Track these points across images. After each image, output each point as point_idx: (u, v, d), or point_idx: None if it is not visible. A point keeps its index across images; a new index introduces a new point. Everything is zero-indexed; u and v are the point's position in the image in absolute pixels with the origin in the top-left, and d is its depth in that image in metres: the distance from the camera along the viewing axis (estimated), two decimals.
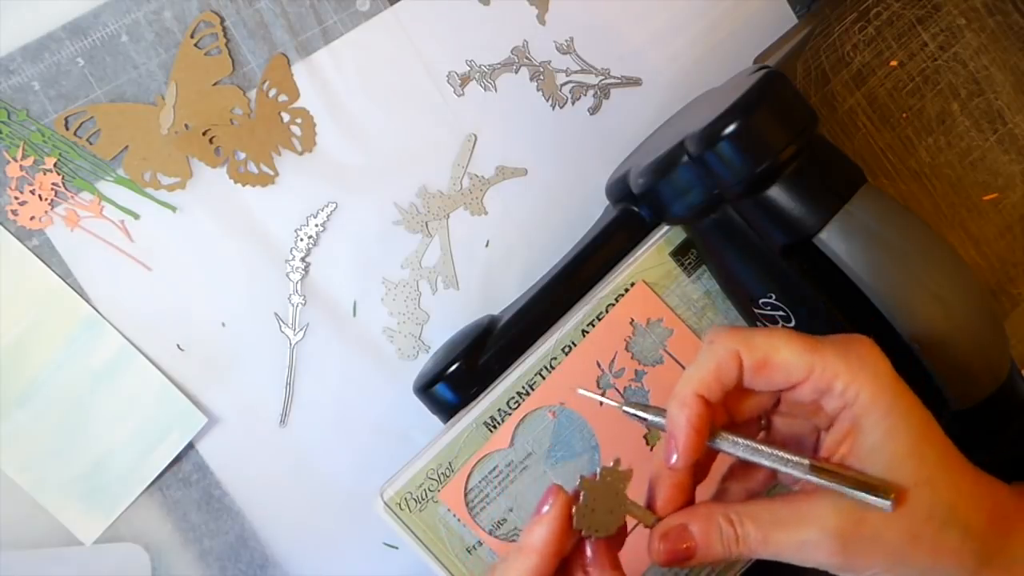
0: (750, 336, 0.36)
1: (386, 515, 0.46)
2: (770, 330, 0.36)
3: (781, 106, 0.44)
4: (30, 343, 0.49)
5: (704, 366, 0.36)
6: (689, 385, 0.36)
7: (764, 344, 0.35)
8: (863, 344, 0.36)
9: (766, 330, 0.36)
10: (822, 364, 0.35)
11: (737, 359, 0.35)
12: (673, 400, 0.36)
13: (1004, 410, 0.47)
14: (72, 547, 0.49)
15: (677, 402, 0.36)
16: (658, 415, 0.37)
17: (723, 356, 0.35)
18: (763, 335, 0.36)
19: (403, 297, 0.54)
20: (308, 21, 0.52)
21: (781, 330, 0.36)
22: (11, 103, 0.49)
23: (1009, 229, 0.61)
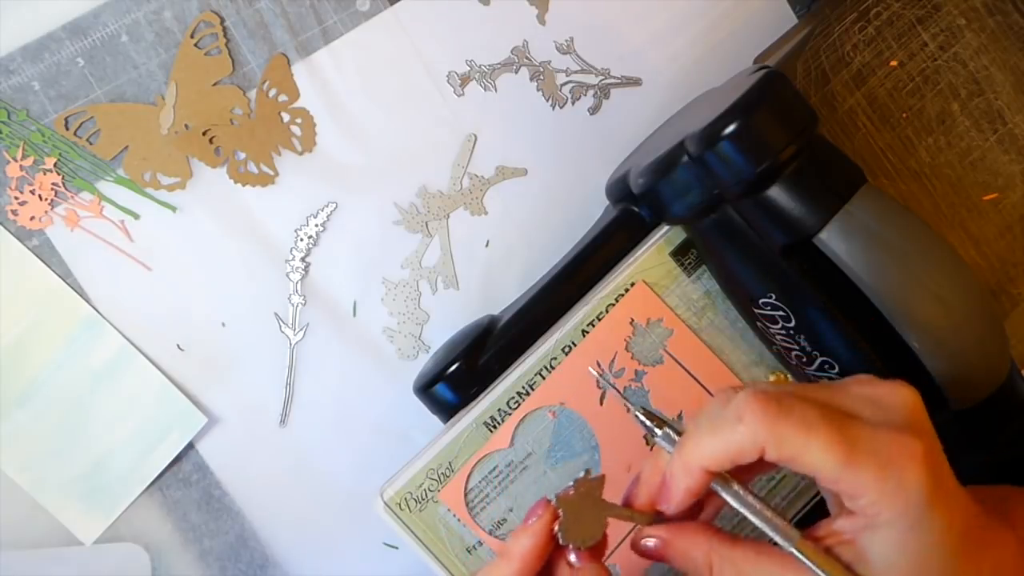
0: (782, 431, 0.32)
1: (386, 515, 0.46)
2: (807, 428, 0.32)
3: (781, 106, 0.44)
4: (30, 343, 0.49)
5: (722, 444, 0.33)
6: (699, 458, 0.33)
7: (797, 446, 0.32)
8: (911, 462, 0.32)
9: (803, 425, 0.32)
10: (853, 481, 0.32)
11: (760, 450, 0.32)
12: (678, 461, 0.34)
13: (1004, 410, 0.47)
14: (72, 547, 0.49)
15: (681, 467, 0.34)
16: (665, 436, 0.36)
17: (747, 444, 0.32)
18: (800, 432, 0.32)
19: (403, 297, 0.54)
20: (308, 21, 0.52)
21: (820, 430, 0.32)
22: (11, 103, 0.49)
23: (1009, 229, 0.61)
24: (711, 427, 0.33)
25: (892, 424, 0.33)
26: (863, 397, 0.34)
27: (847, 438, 0.32)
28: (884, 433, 0.32)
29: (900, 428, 0.32)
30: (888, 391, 0.34)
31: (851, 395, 0.34)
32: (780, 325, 0.47)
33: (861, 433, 0.32)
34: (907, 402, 0.33)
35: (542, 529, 0.35)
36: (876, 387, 0.34)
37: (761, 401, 0.32)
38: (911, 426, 0.33)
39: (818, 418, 0.32)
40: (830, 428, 0.32)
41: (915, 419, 0.33)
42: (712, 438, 0.33)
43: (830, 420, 0.32)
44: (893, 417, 0.33)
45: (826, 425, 0.32)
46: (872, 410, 0.33)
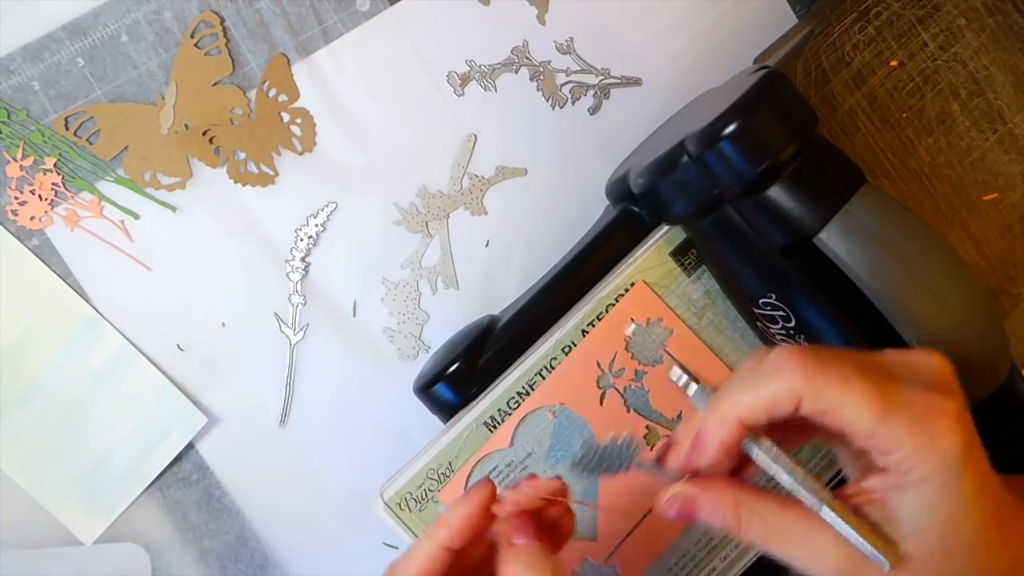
0: (820, 381, 0.32)
1: (386, 515, 0.46)
2: (845, 379, 0.32)
3: (781, 106, 0.44)
4: (30, 343, 0.49)
5: (760, 395, 0.33)
6: (736, 408, 0.34)
7: (834, 398, 0.32)
8: (943, 414, 0.32)
9: (840, 376, 0.32)
10: (887, 434, 0.32)
11: (797, 401, 0.33)
12: (713, 413, 0.35)
13: (1004, 410, 0.47)
14: (72, 547, 0.49)
15: (716, 419, 0.34)
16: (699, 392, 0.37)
17: (783, 394, 0.33)
18: (836, 384, 0.32)
19: (403, 297, 0.54)
20: (308, 21, 0.52)
21: (857, 382, 0.32)
22: (11, 103, 0.49)
23: (1009, 229, 0.61)
24: (748, 380, 0.34)
25: (927, 384, 0.33)
26: (896, 361, 0.34)
27: (884, 392, 0.32)
28: (920, 391, 0.33)
29: (935, 388, 0.33)
30: (920, 356, 0.34)
31: (885, 358, 0.35)
32: (780, 325, 0.47)
33: (898, 389, 0.32)
34: (940, 366, 0.34)
35: (478, 502, 0.37)
36: (909, 353, 0.35)
37: (799, 354, 0.33)
38: (945, 387, 0.33)
39: (855, 372, 0.33)
40: (867, 382, 0.32)
41: (948, 381, 0.34)
42: (749, 390, 0.34)
43: (867, 375, 0.33)
44: (927, 378, 0.33)
45: (863, 379, 0.32)
46: (906, 371, 0.34)
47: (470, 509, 0.37)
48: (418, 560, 0.37)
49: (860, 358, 0.34)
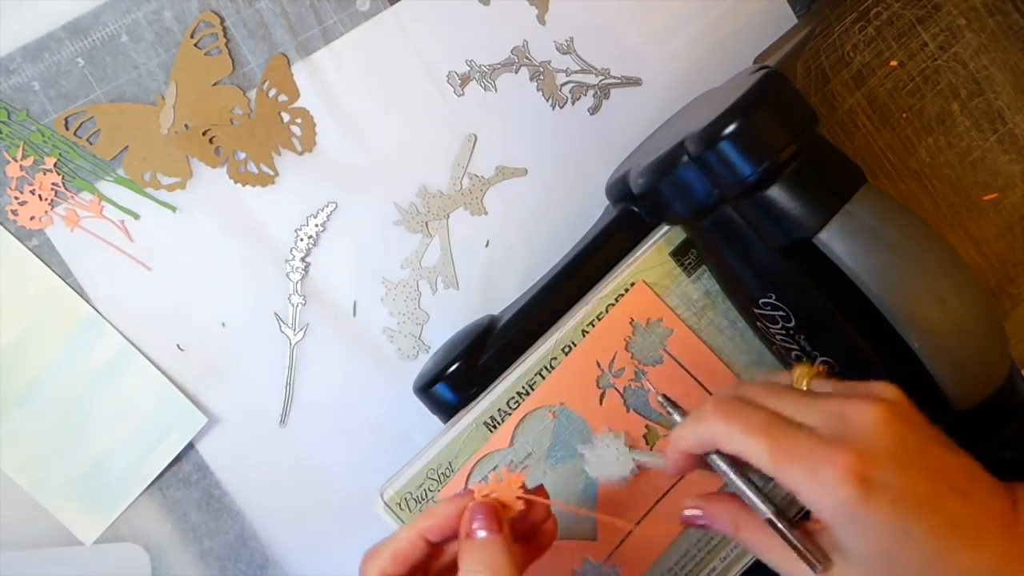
0: (729, 431, 0.37)
1: (386, 515, 0.46)
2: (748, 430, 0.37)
3: (781, 106, 0.44)
4: (30, 343, 0.49)
5: (692, 435, 0.39)
6: (678, 442, 0.40)
7: (740, 443, 0.37)
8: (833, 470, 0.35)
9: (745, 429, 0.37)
10: (786, 481, 0.36)
11: (716, 444, 0.38)
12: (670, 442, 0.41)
13: (1004, 410, 0.47)
14: (72, 547, 0.49)
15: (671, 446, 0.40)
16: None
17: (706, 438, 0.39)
18: (740, 435, 0.37)
19: (403, 297, 0.54)
20: (308, 21, 0.52)
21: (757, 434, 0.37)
22: (11, 103, 0.49)
23: (1009, 229, 0.61)
24: (691, 419, 0.40)
25: (836, 437, 0.36)
26: (829, 410, 0.37)
27: (781, 446, 0.36)
28: (817, 444, 0.36)
29: (838, 441, 0.36)
30: (857, 410, 0.37)
31: (819, 407, 0.37)
32: (780, 325, 0.47)
33: (797, 442, 0.36)
34: (868, 421, 0.36)
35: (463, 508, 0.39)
36: (849, 404, 0.37)
37: (718, 406, 0.38)
38: (853, 439, 0.36)
39: (760, 425, 0.37)
40: (767, 435, 0.36)
41: (863, 433, 0.36)
42: (687, 429, 0.40)
43: (770, 427, 0.37)
44: (844, 432, 0.36)
45: (764, 432, 0.36)
46: (828, 422, 0.37)
47: (454, 507, 0.39)
48: (396, 542, 0.39)
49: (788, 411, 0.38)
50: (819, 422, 0.37)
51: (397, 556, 0.39)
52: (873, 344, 0.45)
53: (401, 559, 0.39)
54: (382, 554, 0.39)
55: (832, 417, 0.37)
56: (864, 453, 0.35)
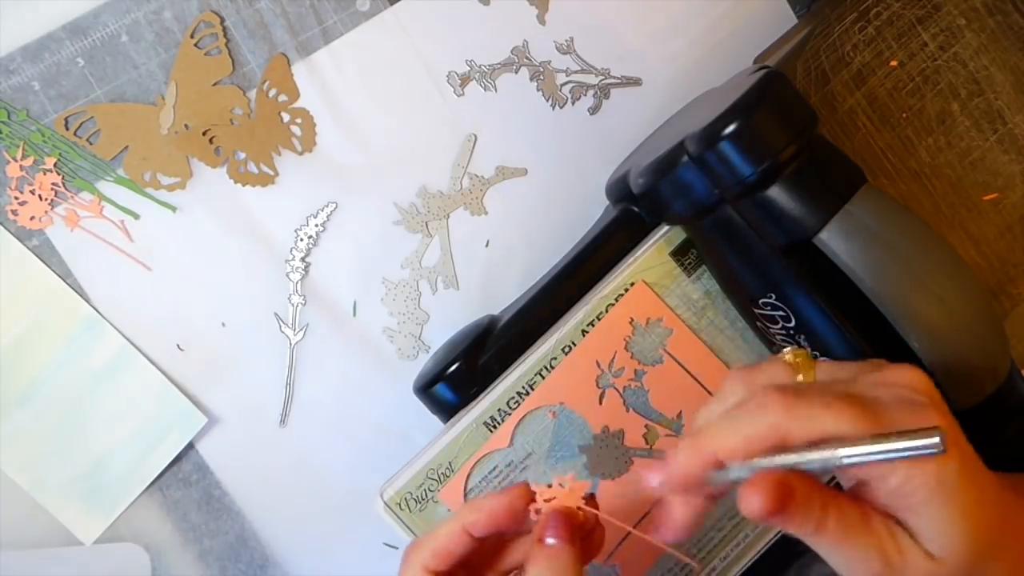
0: (806, 412, 0.32)
1: (386, 515, 0.46)
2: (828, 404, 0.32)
3: (781, 106, 0.44)
4: (30, 343, 0.49)
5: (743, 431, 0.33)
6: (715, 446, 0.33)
7: (823, 423, 0.31)
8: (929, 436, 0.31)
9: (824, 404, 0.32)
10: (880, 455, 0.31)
11: (781, 437, 0.32)
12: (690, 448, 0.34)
13: (1004, 410, 0.47)
14: (72, 547, 0.49)
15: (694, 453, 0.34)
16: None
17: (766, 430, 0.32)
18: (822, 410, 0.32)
19: (403, 297, 0.54)
20: (308, 21, 0.52)
21: (843, 405, 0.32)
22: (11, 103, 0.49)
23: (1009, 229, 0.61)
24: (728, 419, 0.34)
25: (906, 401, 0.33)
26: (873, 383, 0.34)
27: (871, 413, 0.32)
28: (905, 410, 0.32)
29: (916, 404, 0.33)
30: (898, 375, 0.34)
31: (861, 383, 0.34)
32: (780, 325, 0.47)
33: (883, 411, 0.32)
34: (917, 382, 0.34)
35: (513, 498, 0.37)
36: (886, 373, 0.34)
37: (780, 391, 0.33)
38: (928, 402, 0.33)
39: (836, 398, 0.32)
40: (852, 405, 0.32)
41: (929, 396, 0.33)
42: (732, 428, 0.33)
43: (850, 400, 0.32)
44: (905, 395, 0.33)
45: (847, 403, 0.32)
46: (885, 392, 0.33)
47: (502, 502, 0.37)
48: (437, 536, 0.37)
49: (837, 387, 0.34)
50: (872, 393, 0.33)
51: (439, 551, 0.37)
52: (873, 344, 0.45)
53: (444, 554, 0.37)
54: (423, 548, 0.37)
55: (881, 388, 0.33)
56: (949, 416, 0.32)
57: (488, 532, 0.37)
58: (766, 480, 0.32)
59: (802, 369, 0.36)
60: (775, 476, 0.32)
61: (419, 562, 0.37)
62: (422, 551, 0.37)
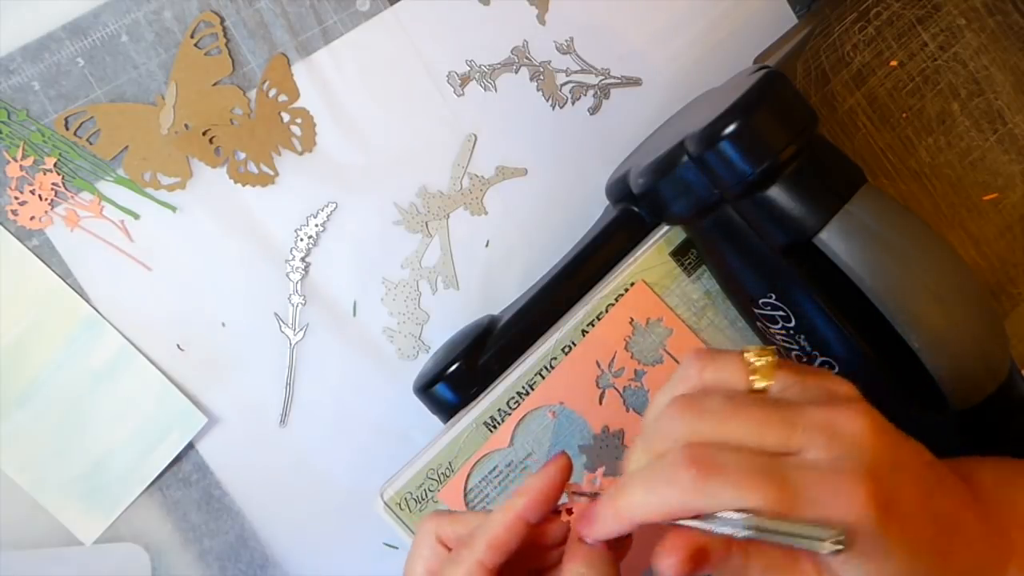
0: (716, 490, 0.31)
1: (386, 515, 0.46)
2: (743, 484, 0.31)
3: (781, 106, 0.44)
4: (30, 343, 0.49)
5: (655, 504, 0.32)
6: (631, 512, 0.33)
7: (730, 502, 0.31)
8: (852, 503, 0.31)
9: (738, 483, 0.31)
10: None
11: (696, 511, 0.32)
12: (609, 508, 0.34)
13: (1004, 410, 0.47)
14: (72, 547, 0.49)
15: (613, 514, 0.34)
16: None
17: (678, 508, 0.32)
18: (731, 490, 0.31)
19: (403, 297, 0.54)
20: (308, 21, 0.52)
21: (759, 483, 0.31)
22: (11, 103, 0.49)
23: (1009, 229, 0.61)
24: (643, 484, 0.33)
25: (839, 463, 0.32)
26: (814, 426, 0.32)
27: (788, 490, 0.31)
28: (828, 477, 0.31)
29: (848, 469, 0.31)
30: (843, 421, 0.32)
31: (802, 424, 0.32)
32: (780, 325, 0.47)
33: (801, 478, 0.31)
34: (857, 434, 0.32)
35: (556, 472, 0.36)
36: (832, 415, 0.32)
37: (686, 457, 0.32)
38: (860, 465, 0.32)
39: (752, 470, 0.31)
40: (770, 482, 0.31)
41: (864, 454, 0.32)
42: (643, 497, 0.33)
43: (761, 468, 0.31)
44: (841, 453, 0.32)
45: (765, 480, 0.31)
46: (820, 443, 0.32)
47: (549, 476, 0.36)
48: (495, 527, 0.35)
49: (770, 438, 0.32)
50: (809, 444, 0.32)
51: (495, 544, 0.35)
52: (873, 344, 0.45)
53: (501, 547, 0.35)
54: (476, 544, 0.35)
55: (821, 435, 0.32)
56: (874, 474, 0.31)
57: (542, 514, 0.36)
58: (677, 542, 0.32)
59: (760, 375, 0.34)
60: (687, 539, 0.32)
61: (473, 558, 0.35)
62: (475, 548, 0.35)
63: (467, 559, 0.35)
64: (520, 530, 0.35)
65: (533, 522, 0.36)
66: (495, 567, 0.35)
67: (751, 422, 0.32)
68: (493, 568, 0.35)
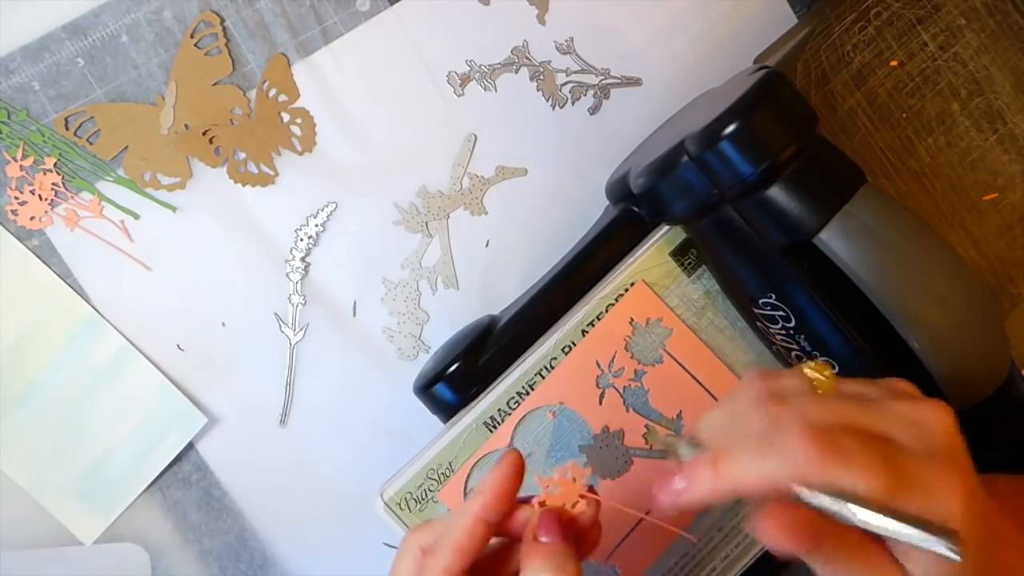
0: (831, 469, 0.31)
1: (386, 515, 0.46)
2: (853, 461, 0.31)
3: (781, 106, 0.44)
4: (30, 343, 0.49)
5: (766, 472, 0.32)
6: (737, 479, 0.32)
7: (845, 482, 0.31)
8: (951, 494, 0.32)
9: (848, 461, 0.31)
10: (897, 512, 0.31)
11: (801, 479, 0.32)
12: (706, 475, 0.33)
13: (1004, 410, 0.47)
14: (72, 547, 0.49)
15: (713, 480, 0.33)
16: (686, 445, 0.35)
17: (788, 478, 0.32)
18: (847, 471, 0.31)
19: (403, 297, 0.54)
20: (308, 21, 0.52)
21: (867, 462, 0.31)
22: (11, 103, 0.49)
23: (1009, 229, 0.61)
24: (754, 452, 0.33)
25: (933, 453, 0.32)
26: (903, 418, 0.33)
27: (892, 470, 0.31)
28: (928, 465, 0.32)
29: (942, 459, 0.32)
30: (930, 416, 0.33)
31: (892, 416, 0.33)
32: (780, 325, 0.47)
33: (907, 464, 0.31)
34: (947, 428, 0.33)
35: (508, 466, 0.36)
36: (917, 409, 0.33)
37: (814, 434, 0.32)
38: (951, 457, 0.32)
39: (863, 450, 0.31)
40: (877, 461, 0.31)
41: (954, 447, 0.33)
42: (753, 464, 0.32)
43: (875, 452, 0.31)
44: (933, 444, 0.32)
45: (873, 459, 0.31)
46: (912, 435, 0.33)
47: (503, 473, 0.36)
48: (456, 532, 0.36)
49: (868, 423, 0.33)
50: (901, 435, 0.32)
51: (458, 548, 0.35)
52: (873, 344, 0.45)
53: (464, 551, 0.35)
54: (440, 551, 0.35)
55: (910, 428, 0.32)
56: (965, 468, 0.32)
57: (502, 513, 0.36)
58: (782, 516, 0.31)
59: (822, 388, 0.35)
60: (792, 514, 0.31)
61: (439, 566, 0.35)
62: (440, 555, 0.36)
63: (433, 567, 0.36)
64: (482, 531, 0.36)
65: (494, 521, 0.36)
66: (463, 570, 0.36)
67: (848, 410, 0.33)
68: (461, 571, 0.35)
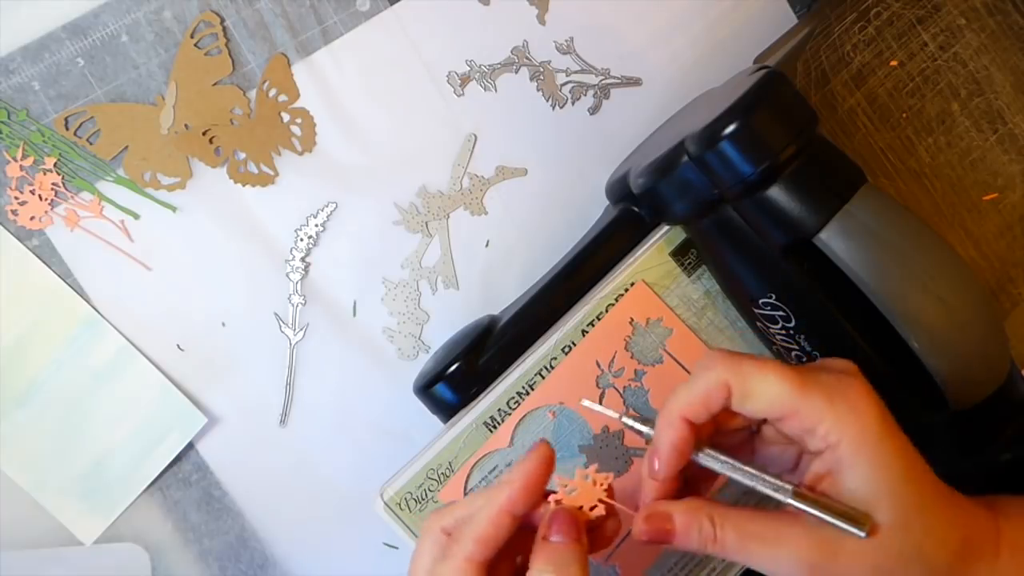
0: (741, 367, 0.37)
1: (386, 515, 0.46)
2: (762, 363, 0.37)
3: (781, 106, 0.44)
4: (30, 343, 0.49)
5: (693, 390, 0.37)
6: (676, 406, 0.37)
7: (753, 378, 0.37)
8: (853, 387, 0.37)
9: (759, 361, 0.37)
10: (808, 407, 0.36)
11: (726, 389, 0.37)
12: (660, 417, 0.38)
13: (1004, 410, 0.47)
14: (72, 547, 0.49)
15: (664, 421, 0.38)
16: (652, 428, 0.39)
17: (713, 384, 0.37)
18: (755, 367, 0.37)
19: (403, 297, 0.54)
20: (308, 21, 0.52)
21: (773, 364, 0.37)
22: (11, 103, 0.49)
23: (1009, 229, 0.61)
24: (686, 383, 0.38)
25: (837, 370, 0.38)
26: (811, 365, 0.39)
27: (798, 372, 0.37)
28: (830, 374, 0.37)
29: (844, 373, 0.37)
30: (831, 360, 0.39)
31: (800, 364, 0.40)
32: (780, 325, 0.47)
33: (810, 373, 0.37)
34: (848, 364, 0.38)
35: (538, 459, 0.37)
36: (822, 360, 0.39)
37: (723, 353, 0.38)
38: (853, 372, 0.38)
39: (771, 361, 0.37)
40: (782, 366, 0.37)
41: (856, 371, 0.38)
42: (684, 389, 0.38)
43: (782, 363, 0.37)
44: (835, 368, 0.38)
45: (778, 364, 0.37)
46: (824, 366, 0.39)
47: (531, 471, 0.36)
48: (482, 523, 0.36)
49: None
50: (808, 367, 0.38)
51: (483, 539, 0.35)
52: (873, 344, 0.45)
53: (489, 542, 0.36)
54: (464, 540, 0.36)
55: (814, 367, 0.38)
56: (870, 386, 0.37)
57: (528, 505, 0.36)
58: (647, 511, 0.37)
59: None
60: (654, 508, 0.37)
61: (462, 554, 0.35)
62: (464, 543, 0.35)
63: (456, 554, 0.36)
64: (507, 523, 0.36)
65: (519, 515, 0.36)
66: (485, 560, 0.36)
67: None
68: (483, 561, 0.36)
